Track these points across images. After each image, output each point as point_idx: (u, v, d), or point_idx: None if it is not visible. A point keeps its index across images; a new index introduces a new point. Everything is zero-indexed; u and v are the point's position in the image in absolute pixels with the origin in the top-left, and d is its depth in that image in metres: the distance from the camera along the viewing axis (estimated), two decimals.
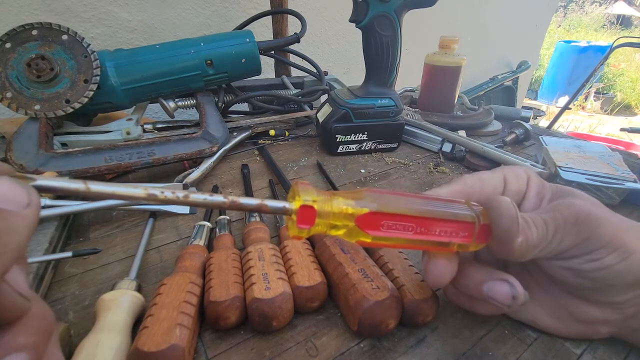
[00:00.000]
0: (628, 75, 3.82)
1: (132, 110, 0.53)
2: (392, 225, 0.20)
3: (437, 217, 0.20)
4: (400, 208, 0.20)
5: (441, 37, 0.64)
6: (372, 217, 0.19)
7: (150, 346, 0.20)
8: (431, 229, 0.20)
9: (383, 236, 0.20)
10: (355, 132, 0.53)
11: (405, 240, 0.20)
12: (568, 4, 5.87)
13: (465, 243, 0.21)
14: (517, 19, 1.73)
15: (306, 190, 0.19)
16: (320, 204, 0.18)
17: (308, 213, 0.18)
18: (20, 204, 0.10)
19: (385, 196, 0.20)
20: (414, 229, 0.20)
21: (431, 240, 0.21)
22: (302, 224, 0.18)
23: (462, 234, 0.21)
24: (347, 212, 0.19)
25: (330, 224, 0.19)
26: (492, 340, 0.25)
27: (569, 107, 1.89)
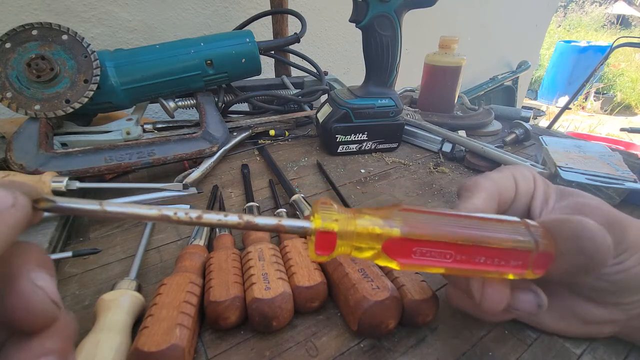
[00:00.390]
0: (628, 75, 3.82)
1: (132, 110, 0.53)
2: (425, 252, 0.17)
3: (482, 244, 0.17)
4: (436, 233, 0.17)
5: (441, 37, 0.64)
6: (402, 243, 0.17)
7: (150, 346, 0.20)
8: (474, 256, 0.17)
9: (415, 264, 0.17)
10: (355, 132, 0.53)
11: (442, 269, 0.18)
12: (568, 4, 5.87)
13: (517, 273, 0.18)
14: (517, 19, 1.73)
15: (327, 210, 0.17)
16: (343, 224, 0.16)
17: (327, 238, 0.16)
18: (3, 205, 0.11)
19: (419, 216, 0.18)
20: (453, 256, 0.17)
21: (474, 270, 0.18)
22: (321, 250, 0.16)
23: (514, 263, 0.18)
24: (374, 233, 0.17)
25: (354, 245, 0.17)
26: (492, 340, 0.25)
27: (569, 107, 1.89)
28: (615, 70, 3.90)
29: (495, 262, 0.18)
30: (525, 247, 0.18)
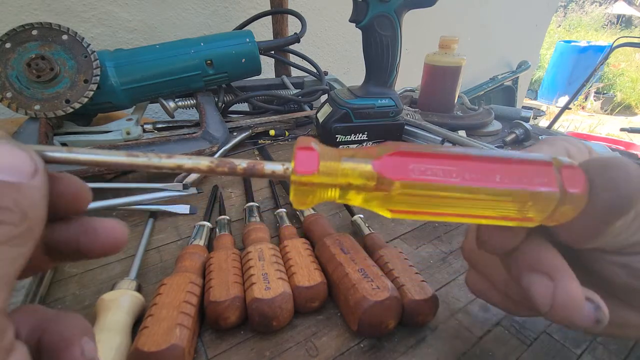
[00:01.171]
0: (628, 75, 3.82)
1: (132, 110, 0.53)
2: (425, 169, 0.14)
3: (488, 156, 0.14)
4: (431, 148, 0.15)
5: (441, 37, 0.64)
6: (396, 158, 0.14)
7: (150, 346, 0.20)
8: (486, 172, 0.14)
9: (416, 182, 0.14)
10: (355, 132, 0.53)
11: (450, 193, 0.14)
12: (568, 4, 5.87)
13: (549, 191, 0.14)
14: (517, 19, 1.73)
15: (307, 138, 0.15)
16: (324, 152, 0.14)
17: (308, 157, 0.13)
18: (26, 174, 0.10)
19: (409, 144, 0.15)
20: (460, 173, 0.14)
21: (491, 189, 0.14)
22: (303, 168, 0.13)
23: (538, 180, 0.14)
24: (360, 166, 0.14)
25: (341, 182, 0.14)
26: (492, 340, 0.25)
27: (569, 107, 1.89)
28: (615, 70, 3.90)
29: (514, 179, 0.14)
30: (544, 160, 0.15)
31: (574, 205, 0.14)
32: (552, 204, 0.14)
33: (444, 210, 0.15)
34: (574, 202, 0.14)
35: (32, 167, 0.10)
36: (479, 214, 0.15)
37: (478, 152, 0.15)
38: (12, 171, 0.09)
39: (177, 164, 0.12)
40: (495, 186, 0.14)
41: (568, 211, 0.14)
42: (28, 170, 0.10)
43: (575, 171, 0.14)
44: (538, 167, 0.14)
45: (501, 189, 0.14)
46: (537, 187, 0.14)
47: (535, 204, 0.14)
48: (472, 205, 0.14)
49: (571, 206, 0.14)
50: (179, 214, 0.39)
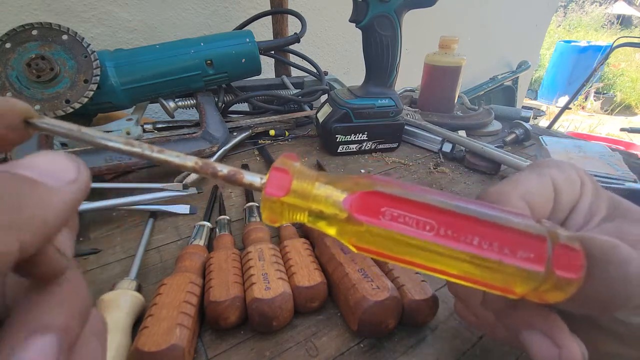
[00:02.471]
0: (628, 75, 3.82)
1: (132, 110, 0.53)
2: (397, 215, 0.13)
3: (472, 216, 0.13)
4: (413, 194, 0.13)
5: (441, 37, 0.64)
6: (369, 198, 0.13)
7: (150, 346, 0.20)
8: (464, 232, 0.13)
9: (383, 229, 0.13)
10: (355, 132, 0.53)
11: (421, 247, 0.13)
12: (568, 4, 5.87)
13: (532, 270, 0.12)
14: (517, 19, 1.73)
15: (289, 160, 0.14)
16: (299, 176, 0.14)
17: (280, 178, 0.13)
18: (63, 180, 0.10)
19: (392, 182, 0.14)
20: (434, 227, 0.13)
21: (465, 253, 0.13)
22: (273, 188, 0.13)
23: (522, 254, 0.13)
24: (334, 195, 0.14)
25: (312, 208, 0.14)
26: (492, 340, 0.25)
27: (569, 107, 1.89)
28: (615, 70, 3.90)
29: (494, 247, 0.13)
30: (536, 232, 0.13)
31: (562, 290, 0.13)
32: (536, 284, 0.13)
33: (413, 259, 0.14)
34: (562, 287, 0.13)
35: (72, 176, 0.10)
36: (450, 273, 0.13)
37: (465, 206, 0.13)
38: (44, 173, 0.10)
39: (166, 159, 0.13)
40: (470, 250, 0.13)
41: (554, 295, 0.13)
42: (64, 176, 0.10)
43: (571, 253, 0.13)
44: (527, 239, 0.13)
45: (475, 255, 0.13)
46: (516, 261, 0.13)
47: (517, 280, 0.13)
48: (442, 263, 0.13)
49: (558, 291, 0.13)
50: (179, 214, 0.39)
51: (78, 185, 0.10)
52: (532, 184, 0.18)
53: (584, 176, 0.19)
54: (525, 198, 0.17)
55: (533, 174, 0.18)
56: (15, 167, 0.09)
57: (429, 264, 0.13)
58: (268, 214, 0.14)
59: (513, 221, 0.13)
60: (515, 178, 0.18)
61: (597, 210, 0.18)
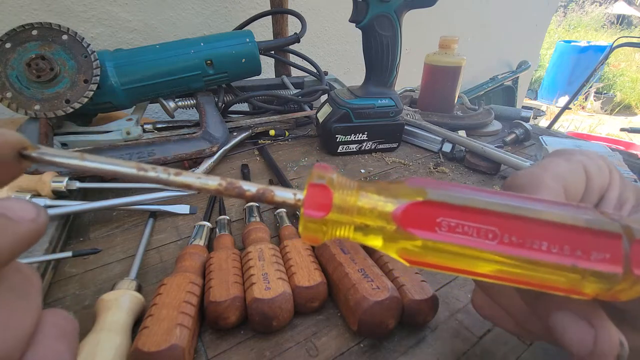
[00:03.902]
0: (628, 75, 3.82)
1: (132, 110, 0.53)
2: (456, 225, 0.12)
3: (538, 218, 0.12)
4: (469, 199, 0.12)
5: (441, 37, 0.64)
6: (422, 208, 0.12)
7: (150, 346, 0.20)
8: (531, 237, 0.12)
9: (441, 242, 0.12)
10: (355, 132, 0.53)
11: (483, 257, 0.12)
12: (568, 4, 5.87)
13: (609, 272, 0.11)
14: (517, 19, 1.73)
15: (326, 172, 0.13)
16: (340, 189, 0.12)
17: (320, 195, 0.12)
18: (23, 217, 0.11)
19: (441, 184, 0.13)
20: (497, 235, 0.12)
21: (533, 259, 0.12)
22: (312, 209, 0.12)
23: (597, 255, 0.12)
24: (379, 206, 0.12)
25: (357, 223, 0.12)
26: (492, 340, 0.25)
27: (569, 107, 1.89)
28: (615, 70, 3.90)
29: (566, 250, 0.11)
30: (609, 229, 0.12)
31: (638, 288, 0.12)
32: (611, 285, 0.12)
33: (475, 270, 0.12)
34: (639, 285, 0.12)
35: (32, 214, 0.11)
36: (517, 279, 0.12)
37: (526, 206, 0.12)
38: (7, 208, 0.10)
39: (186, 182, 0.12)
40: (538, 257, 0.11)
41: (630, 293, 0.12)
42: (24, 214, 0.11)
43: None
44: (600, 238, 0.12)
45: (546, 262, 0.11)
46: (592, 264, 0.11)
47: (588, 282, 0.12)
48: (509, 271, 0.12)
49: (634, 289, 0.12)
50: (179, 214, 0.39)
51: (35, 225, 0.11)
52: (563, 169, 0.17)
53: (611, 165, 0.18)
54: (560, 181, 0.16)
55: (561, 159, 0.17)
56: None
57: (493, 274, 0.12)
58: (308, 234, 0.13)
59: (583, 218, 0.12)
60: (544, 162, 0.17)
61: (626, 199, 0.17)
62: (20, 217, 0.10)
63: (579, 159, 0.17)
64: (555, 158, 0.18)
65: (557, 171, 0.17)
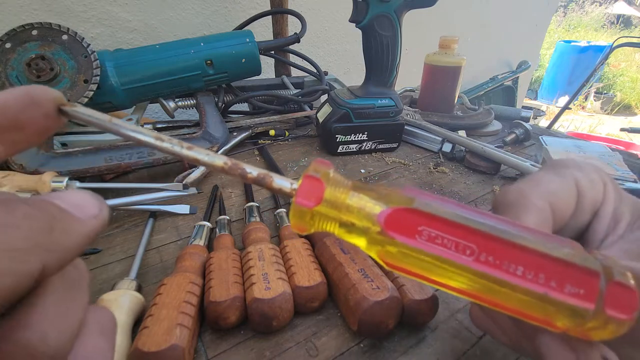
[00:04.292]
0: (628, 75, 3.82)
1: (132, 110, 0.53)
2: (435, 236, 0.12)
3: (518, 243, 0.12)
4: (454, 214, 0.13)
5: (441, 37, 0.64)
6: (406, 215, 0.12)
7: (150, 346, 0.20)
8: (508, 260, 0.12)
9: (418, 249, 0.12)
10: (355, 132, 0.53)
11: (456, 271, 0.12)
12: (568, 4, 5.87)
13: (580, 307, 0.12)
14: (517, 19, 1.73)
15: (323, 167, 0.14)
16: (333, 185, 0.13)
17: (313, 187, 0.13)
18: (88, 214, 0.11)
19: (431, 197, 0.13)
20: (475, 252, 0.12)
21: (506, 282, 0.12)
22: (304, 198, 0.13)
23: (571, 289, 0.12)
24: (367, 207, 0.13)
25: (343, 219, 0.13)
26: (492, 340, 0.25)
27: (569, 107, 1.89)
28: (615, 70, 3.90)
29: (540, 278, 0.12)
30: (588, 266, 0.12)
31: (610, 330, 0.12)
32: (582, 321, 0.12)
33: (447, 282, 0.13)
34: (611, 327, 0.12)
35: (95, 211, 0.11)
36: (490, 300, 0.13)
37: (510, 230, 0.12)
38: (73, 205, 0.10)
39: (195, 157, 0.13)
40: (511, 280, 0.12)
41: (601, 333, 0.12)
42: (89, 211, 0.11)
43: (626, 292, 0.12)
44: (578, 272, 0.12)
45: (517, 285, 0.12)
46: (563, 297, 0.12)
47: (561, 315, 0.12)
48: (481, 290, 0.12)
49: (606, 330, 0.12)
50: (179, 214, 0.39)
51: (99, 220, 0.11)
52: (553, 185, 0.17)
53: (606, 178, 0.18)
54: (548, 199, 0.16)
55: (554, 174, 0.17)
56: (49, 197, 0.10)
57: (465, 289, 0.13)
58: (297, 222, 0.13)
59: (563, 251, 0.12)
60: (535, 177, 0.17)
61: (621, 215, 0.17)
62: (85, 214, 0.11)
63: (571, 173, 0.17)
64: (546, 172, 0.18)
65: (545, 188, 0.17)
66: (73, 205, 0.10)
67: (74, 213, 0.10)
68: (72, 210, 0.10)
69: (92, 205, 0.11)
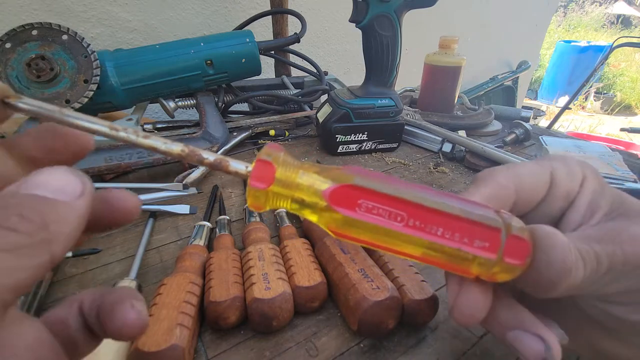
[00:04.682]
0: (628, 75, 3.82)
1: (132, 110, 0.53)
2: (372, 207, 0.14)
3: (439, 209, 0.15)
4: (387, 187, 0.15)
5: (441, 37, 0.64)
6: (348, 191, 0.14)
7: (150, 346, 0.20)
8: (430, 225, 0.14)
9: (359, 219, 0.14)
10: (355, 132, 0.53)
11: (391, 235, 0.14)
12: (568, 4, 5.87)
13: (485, 258, 0.15)
14: (517, 19, 1.73)
15: (274, 151, 0.15)
16: (283, 166, 0.15)
17: (265, 169, 0.14)
18: (73, 195, 0.11)
19: (370, 174, 0.15)
20: (405, 219, 0.14)
21: (430, 242, 0.14)
22: (257, 180, 0.14)
23: (479, 243, 0.15)
24: (314, 185, 0.15)
25: (295, 196, 0.15)
26: (492, 340, 0.25)
27: (569, 107, 1.89)
28: (615, 70, 3.90)
29: (456, 237, 0.14)
30: (492, 225, 0.15)
31: (509, 273, 0.15)
32: (486, 267, 0.15)
33: (384, 244, 0.15)
34: (509, 271, 0.15)
35: (79, 190, 0.11)
36: (415, 256, 0.15)
37: (433, 198, 0.15)
38: (56, 190, 0.10)
39: (152, 145, 0.13)
40: (434, 240, 0.14)
41: (502, 276, 0.15)
42: (73, 191, 0.11)
43: (520, 243, 0.15)
44: (484, 230, 0.15)
45: (438, 243, 0.14)
46: (474, 250, 0.14)
47: (475, 264, 0.15)
48: (409, 249, 0.15)
49: (506, 274, 0.15)
50: (179, 214, 0.39)
51: (86, 197, 0.11)
52: (524, 170, 0.18)
53: (588, 173, 0.19)
54: (513, 180, 0.18)
55: (533, 163, 0.19)
56: (29, 188, 0.10)
57: (397, 249, 0.15)
58: (252, 201, 0.15)
59: (474, 213, 0.15)
60: (512, 163, 0.19)
61: (597, 207, 0.18)
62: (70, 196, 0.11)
63: (549, 164, 0.19)
64: (528, 162, 0.19)
65: (514, 171, 0.18)
66: (56, 190, 0.10)
67: (60, 199, 0.10)
68: (57, 196, 0.10)
69: (74, 184, 0.11)
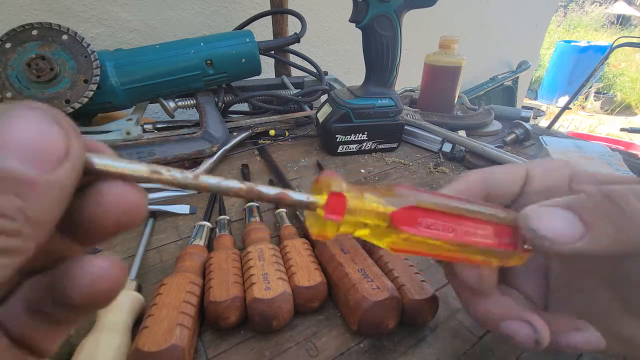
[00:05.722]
0: (628, 75, 3.82)
1: (132, 110, 0.53)
2: (431, 224, 0.16)
3: (477, 218, 0.17)
4: (439, 204, 0.17)
5: (441, 37, 0.64)
6: (410, 212, 0.16)
7: (150, 346, 0.20)
8: (474, 229, 0.17)
9: (420, 236, 0.16)
10: (355, 132, 0.53)
11: (444, 245, 0.17)
12: (568, 4, 5.87)
13: (508, 251, 0.18)
14: (517, 19, 1.73)
15: (336, 180, 0.16)
16: (351, 196, 0.15)
17: (338, 203, 0.15)
18: (52, 162, 0.08)
19: (420, 193, 0.17)
20: (455, 230, 0.17)
21: (472, 245, 0.17)
22: (332, 213, 0.15)
23: (504, 240, 0.18)
24: (379, 209, 0.16)
25: (360, 222, 0.16)
26: (492, 340, 0.25)
27: (569, 107, 1.89)
28: (615, 70, 3.90)
29: (489, 237, 0.17)
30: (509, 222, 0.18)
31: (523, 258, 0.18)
32: (507, 259, 0.18)
33: (436, 252, 0.17)
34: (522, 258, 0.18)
35: (62, 150, 0.08)
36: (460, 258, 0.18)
37: (473, 209, 0.17)
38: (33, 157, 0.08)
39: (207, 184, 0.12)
40: (474, 243, 0.17)
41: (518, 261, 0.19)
42: (54, 156, 0.08)
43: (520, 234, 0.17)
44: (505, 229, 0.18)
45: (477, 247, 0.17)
46: (502, 246, 0.18)
47: (498, 257, 0.18)
48: (456, 253, 0.18)
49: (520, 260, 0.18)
50: (179, 214, 0.39)
51: (72, 159, 0.09)
52: (499, 168, 0.21)
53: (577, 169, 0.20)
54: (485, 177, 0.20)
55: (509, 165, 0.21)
56: None
57: (446, 254, 0.17)
58: (321, 232, 0.15)
59: (500, 216, 0.18)
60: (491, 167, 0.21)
61: None
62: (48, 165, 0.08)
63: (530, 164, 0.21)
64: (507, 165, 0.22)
65: (490, 170, 0.21)
66: (29, 159, 0.08)
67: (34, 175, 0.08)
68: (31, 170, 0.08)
69: (54, 146, 0.08)
